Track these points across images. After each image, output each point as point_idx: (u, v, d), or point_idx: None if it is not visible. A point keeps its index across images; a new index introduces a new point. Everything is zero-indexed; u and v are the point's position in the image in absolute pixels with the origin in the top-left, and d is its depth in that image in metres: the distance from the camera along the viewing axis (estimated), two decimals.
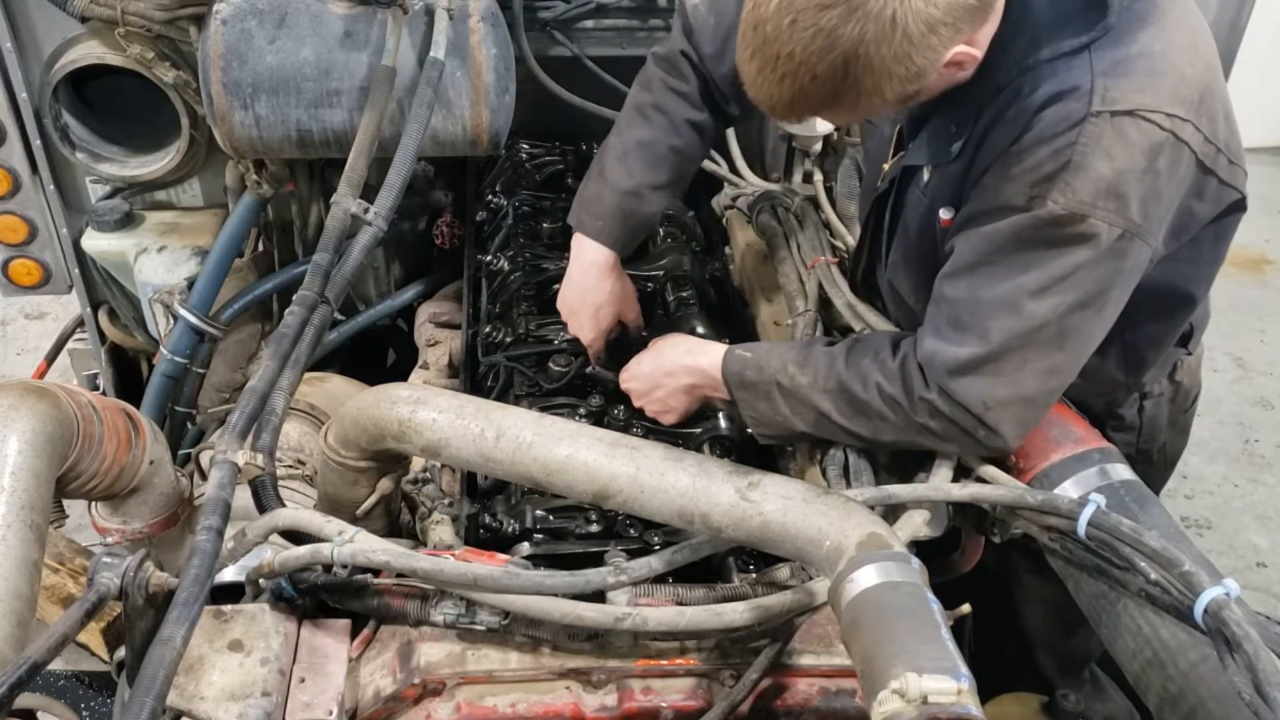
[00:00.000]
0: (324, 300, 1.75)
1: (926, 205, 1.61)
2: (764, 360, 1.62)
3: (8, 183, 2.41)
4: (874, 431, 1.55)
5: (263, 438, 1.54)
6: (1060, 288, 1.40)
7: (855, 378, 1.54)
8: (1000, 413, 1.46)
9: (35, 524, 1.26)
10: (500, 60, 2.14)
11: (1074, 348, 1.46)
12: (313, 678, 1.40)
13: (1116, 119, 1.35)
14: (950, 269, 1.50)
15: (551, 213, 2.41)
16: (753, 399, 1.63)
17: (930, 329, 1.50)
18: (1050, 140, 1.37)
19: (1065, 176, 1.35)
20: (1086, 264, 1.39)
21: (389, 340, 2.96)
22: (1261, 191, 5.13)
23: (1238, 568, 3.48)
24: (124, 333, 2.65)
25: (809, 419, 1.59)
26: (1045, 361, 1.45)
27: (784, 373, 1.59)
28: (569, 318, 1.94)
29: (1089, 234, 1.37)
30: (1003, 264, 1.43)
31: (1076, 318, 1.43)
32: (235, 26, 2.05)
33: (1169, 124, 1.36)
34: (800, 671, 1.42)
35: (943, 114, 1.54)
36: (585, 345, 1.95)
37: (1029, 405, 1.48)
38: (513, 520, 1.68)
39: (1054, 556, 1.50)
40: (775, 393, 1.60)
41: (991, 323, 1.43)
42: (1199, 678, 1.30)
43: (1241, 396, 4.29)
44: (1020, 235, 1.40)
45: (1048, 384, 1.48)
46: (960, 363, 1.45)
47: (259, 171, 2.32)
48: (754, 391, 1.62)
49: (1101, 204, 1.36)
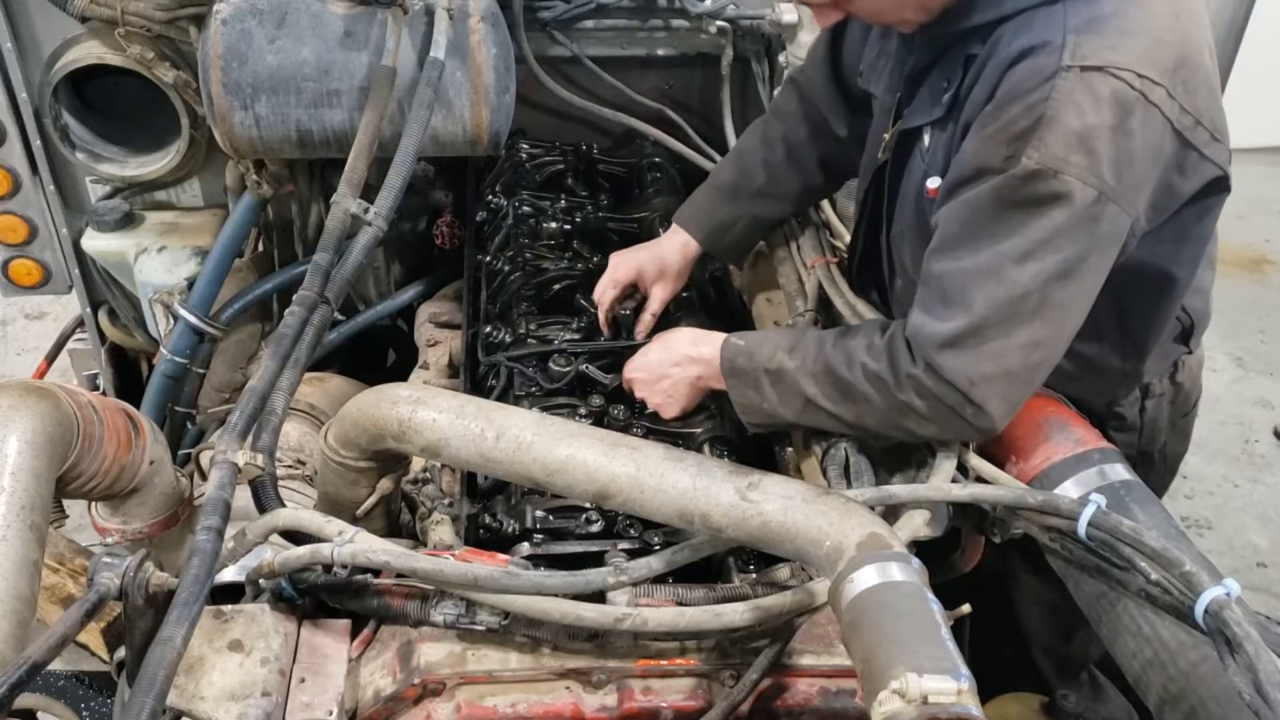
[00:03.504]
0: (324, 300, 1.75)
1: (922, 171, 1.62)
2: (756, 348, 1.63)
3: (8, 183, 2.41)
4: (858, 415, 1.55)
5: (263, 438, 1.54)
6: (1040, 253, 1.40)
7: (841, 359, 1.54)
8: (986, 389, 1.45)
9: (35, 524, 1.26)
10: (500, 60, 2.14)
11: (1056, 320, 1.46)
12: (313, 678, 1.40)
13: (1086, 74, 1.35)
14: (936, 244, 1.50)
15: (551, 213, 2.42)
16: (741, 387, 1.63)
17: (919, 306, 1.50)
18: (1023, 96, 1.37)
19: (1039, 132, 1.36)
20: (1064, 227, 1.39)
21: (389, 340, 2.95)
22: (1261, 191, 5.19)
23: (1238, 568, 3.48)
24: (124, 333, 2.65)
25: (795, 405, 1.59)
26: (1028, 333, 1.44)
27: (773, 359, 1.60)
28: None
29: (1063, 192, 1.37)
30: (985, 231, 1.43)
31: (1057, 288, 1.42)
32: (235, 26, 2.05)
33: (1139, 84, 1.36)
34: (800, 671, 1.41)
35: (935, 70, 1.57)
36: (598, 288, 2.04)
37: (1014, 381, 1.47)
38: (513, 520, 1.68)
39: (1054, 557, 1.50)
40: (764, 379, 1.60)
41: (975, 292, 1.43)
42: (1199, 678, 1.30)
43: (1241, 396, 4.29)
44: (999, 197, 1.40)
45: (1031, 358, 1.47)
46: (945, 337, 1.44)
47: (259, 171, 2.32)
48: (743, 379, 1.63)
49: (1074, 159, 1.35)
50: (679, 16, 2.69)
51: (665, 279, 2.04)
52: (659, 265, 2.04)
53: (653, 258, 2.05)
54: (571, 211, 2.44)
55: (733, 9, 2.64)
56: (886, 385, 1.50)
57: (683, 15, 2.69)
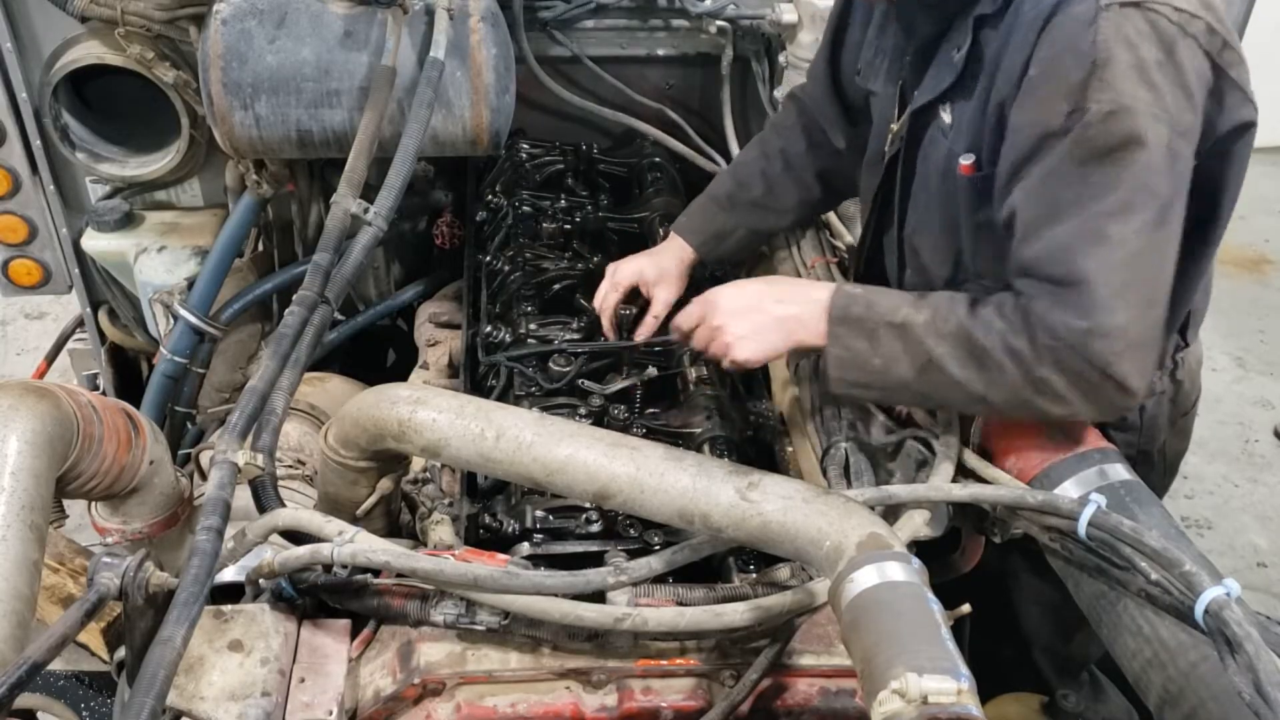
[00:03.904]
0: (324, 300, 1.75)
1: (947, 150, 1.59)
2: (875, 297, 1.55)
3: (8, 183, 2.41)
4: (986, 385, 1.46)
5: (263, 438, 1.54)
6: (1133, 204, 1.35)
7: (978, 323, 1.45)
8: (1125, 364, 1.39)
9: (35, 524, 1.26)
10: (500, 60, 2.14)
11: (1164, 271, 1.40)
12: (313, 678, 1.40)
13: (1125, 10, 1.33)
14: (1021, 232, 1.44)
15: (551, 213, 2.42)
16: (851, 336, 1.53)
17: (1037, 295, 1.43)
18: (1070, 47, 1.34)
19: (1097, 74, 1.32)
20: (1148, 169, 1.34)
21: (389, 340, 2.95)
22: (1262, 191, 5.19)
23: (1238, 568, 3.48)
24: (124, 333, 2.65)
25: (914, 364, 1.49)
26: (1147, 291, 1.40)
27: (897, 312, 1.50)
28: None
29: (1137, 132, 1.33)
30: (1072, 197, 1.37)
31: (1160, 237, 1.37)
32: (235, 26, 2.05)
33: (1177, 17, 1.34)
34: (800, 671, 1.41)
35: (943, 43, 1.56)
36: (599, 294, 2.04)
37: (1146, 348, 1.42)
38: (513, 520, 1.68)
39: (1054, 557, 1.50)
40: (882, 331, 1.50)
41: (1085, 262, 1.37)
42: (1199, 678, 1.30)
43: (1241, 396, 4.29)
44: (1074, 156, 1.36)
45: (1151, 317, 1.41)
46: (1073, 322, 1.38)
47: (259, 171, 2.32)
48: (857, 328, 1.52)
49: (1140, 95, 1.32)
50: (679, 16, 2.70)
51: (666, 282, 2.04)
52: (659, 270, 2.04)
53: (652, 263, 2.05)
54: (571, 211, 2.45)
55: (733, 9, 2.64)
56: (1024, 360, 1.42)
57: (683, 15, 2.69)
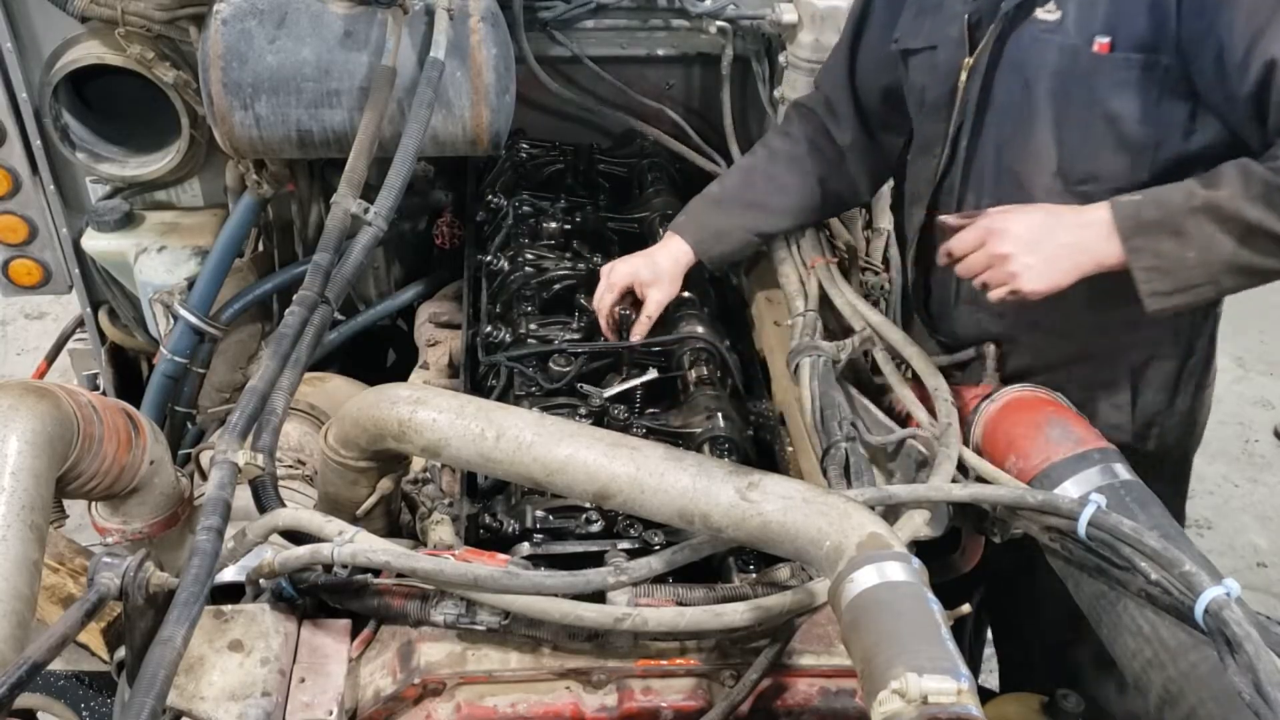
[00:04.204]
0: (324, 300, 1.75)
1: (1059, 45, 1.56)
2: (1160, 195, 1.49)
3: (8, 183, 2.41)
4: None
5: (263, 438, 1.54)
6: None
7: (1274, 175, 1.41)
8: None
9: (35, 524, 1.26)
10: (500, 60, 2.14)
11: None
12: (313, 678, 1.40)
13: None
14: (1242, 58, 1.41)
15: (552, 213, 2.42)
16: (1154, 242, 1.47)
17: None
18: None
19: None
20: None
21: (389, 340, 2.95)
22: None
23: (1238, 568, 3.49)
24: (124, 333, 2.65)
25: (1233, 238, 1.44)
26: None
27: (1194, 197, 1.45)
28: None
29: None
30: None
31: None
32: (235, 26, 2.05)
33: None
34: (800, 671, 1.41)
35: None
36: (596, 296, 2.04)
37: None
38: (513, 520, 1.68)
39: (1054, 556, 1.50)
40: (1188, 221, 1.45)
41: None
42: (1199, 678, 1.30)
43: (1241, 396, 4.30)
44: None
45: None
46: None
47: (259, 171, 2.32)
48: (1158, 230, 1.47)
49: None
50: (679, 16, 2.69)
51: (660, 283, 2.03)
52: (653, 270, 2.03)
53: (646, 263, 2.04)
54: (571, 211, 2.44)
55: (733, 9, 2.64)
56: None
57: (683, 15, 2.69)
